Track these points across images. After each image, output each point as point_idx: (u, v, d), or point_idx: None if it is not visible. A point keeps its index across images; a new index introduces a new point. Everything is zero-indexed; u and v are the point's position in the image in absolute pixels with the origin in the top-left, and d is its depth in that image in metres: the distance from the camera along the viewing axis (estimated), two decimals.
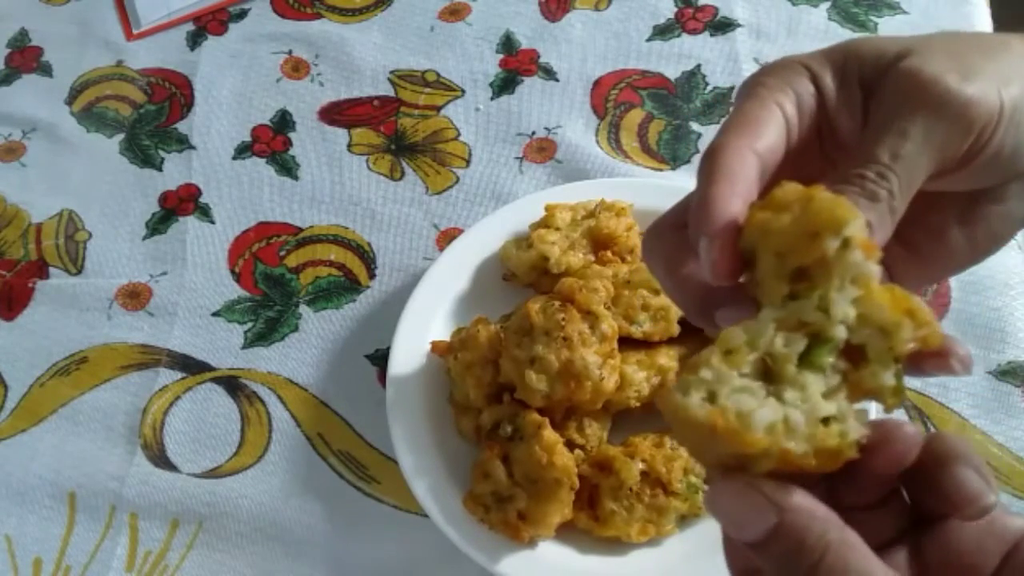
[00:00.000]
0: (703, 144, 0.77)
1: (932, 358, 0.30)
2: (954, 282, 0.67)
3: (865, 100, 0.34)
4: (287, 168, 0.80)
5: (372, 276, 0.73)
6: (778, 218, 0.29)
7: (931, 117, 0.32)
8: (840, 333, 0.29)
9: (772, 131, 0.33)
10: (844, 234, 0.28)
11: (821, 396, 0.28)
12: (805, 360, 0.29)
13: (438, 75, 0.84)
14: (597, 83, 0.82)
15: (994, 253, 0.37)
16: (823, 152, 0.36)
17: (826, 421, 0.28)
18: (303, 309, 0.72)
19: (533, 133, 0.79)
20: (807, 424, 0.28)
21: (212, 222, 0.77)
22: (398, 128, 0.81)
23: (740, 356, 0.29)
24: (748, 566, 0.31)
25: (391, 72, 0.85)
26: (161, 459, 0.65)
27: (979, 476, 0.29)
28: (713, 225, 0.31)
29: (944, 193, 0.35)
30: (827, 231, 0.28)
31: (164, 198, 0.79)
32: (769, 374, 0.29)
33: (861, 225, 0.29)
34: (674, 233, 0.35)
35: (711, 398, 0.28)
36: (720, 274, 0.31)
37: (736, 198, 0.31)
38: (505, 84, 0.83)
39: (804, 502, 0.28)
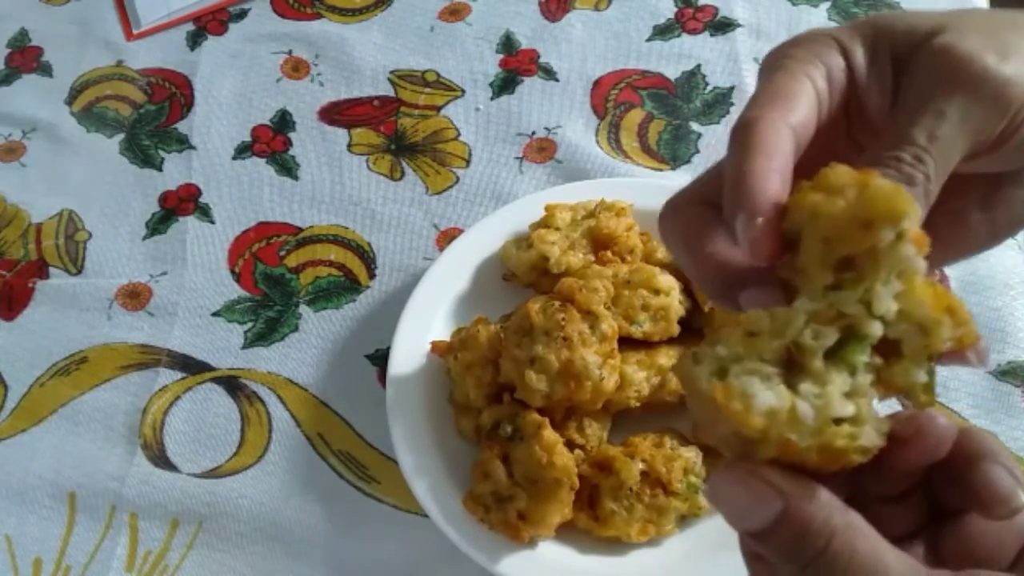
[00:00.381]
0: (703, 144, 0.77)
1: (950, 355, 0.29)
2: (954, 282, 0.67)
3: (896, 77, 0.33)
4: (287, 168, 0.80)
5: (372, 276, 0.73)
6: (830, 202, 0.28)
7: (969, 97, 0.30)
8: (876, 330, 0.28)
9: (804, 105, 0.32)
10: (901, 227, 0.27)
11: (843, 395, 0.28)
12: (836, 355, 0.28)
13: (438, 75, 0.84)
14: (597, 83, 0.82)
15: (1014, 235, 0.36)
16: (850, 132, 0.35)
17: (839, 422, 0.27)
18: (303, 309, 0.72)
19: (533, 133, 0.79)
20: (817, 419, 0.27)
21: (212, 222, 0.77)
22: (398, 128, 0.81)
23: (762, 341, 0.28)
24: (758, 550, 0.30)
25: (391, 72, 0.85)
26: (161, 459, 0.65)
27: (1010, 475, 0.28)
28: (757, 204, 0.29)
29: (966, 176, 0.34)
30: (883, 222, 0.27)
31: (164, 198, 0.79)
32: (793, 364, 0.28)
33: (918, 218, 0.28)
34: (694, 208, 0.34)
35: (722, 374, 0.28)
36: (762, 255, 0.30)
37: (774, 174, 0.30)
38: (505, 84, 0.83)
39: (807, 488, 0.27)
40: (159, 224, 0.77)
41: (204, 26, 0.90)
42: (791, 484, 0.27)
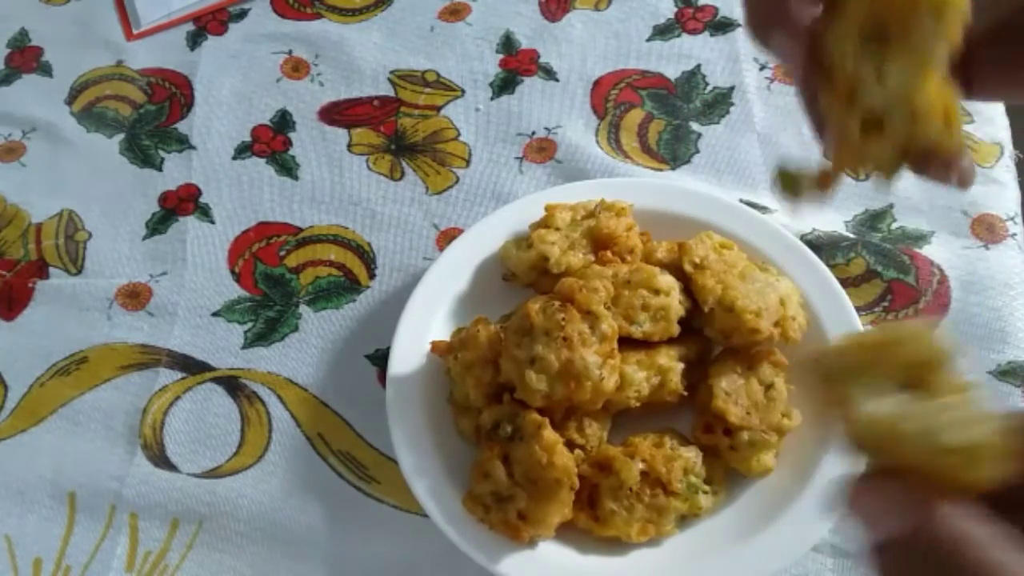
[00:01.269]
0: (703, 144, 0.77)
1: (937, 163, 0.30)
2: (954, 282, 0.67)
3: None
4: (287, 168, 0.80)
5: (372, 276, 0.73)
6: None
7: None
8: (876, 99, 0.29)
9: None
10: (943, 13, 0.28)
11: (953, 422, 0.28)
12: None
13: (438, 75, 0.84)
14: (597, 83, 0.82)
15: None
16: None
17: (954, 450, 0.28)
18: (303, 309, 0.72)
19: (533, 133, 0.79)
20: (923, 440, 0.27)
21: (212, 222, 0.77)
22: (398, 128, 0.81)
23: (884, 352, 0.30)
24: None
25: (391, 72, 0.85)
26: (161, 459, 0.65)
27: None
28: None
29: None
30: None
31: (164, 198, 0.79)
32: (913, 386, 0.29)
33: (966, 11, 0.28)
34: None
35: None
36: None
37: None
38: (505, 84, 0.83)
39: (941, 499, 0.26)
40: (159, 224, 0.77)
41: (204, 26, 0.90)
42: (926, 495, 0.26)
